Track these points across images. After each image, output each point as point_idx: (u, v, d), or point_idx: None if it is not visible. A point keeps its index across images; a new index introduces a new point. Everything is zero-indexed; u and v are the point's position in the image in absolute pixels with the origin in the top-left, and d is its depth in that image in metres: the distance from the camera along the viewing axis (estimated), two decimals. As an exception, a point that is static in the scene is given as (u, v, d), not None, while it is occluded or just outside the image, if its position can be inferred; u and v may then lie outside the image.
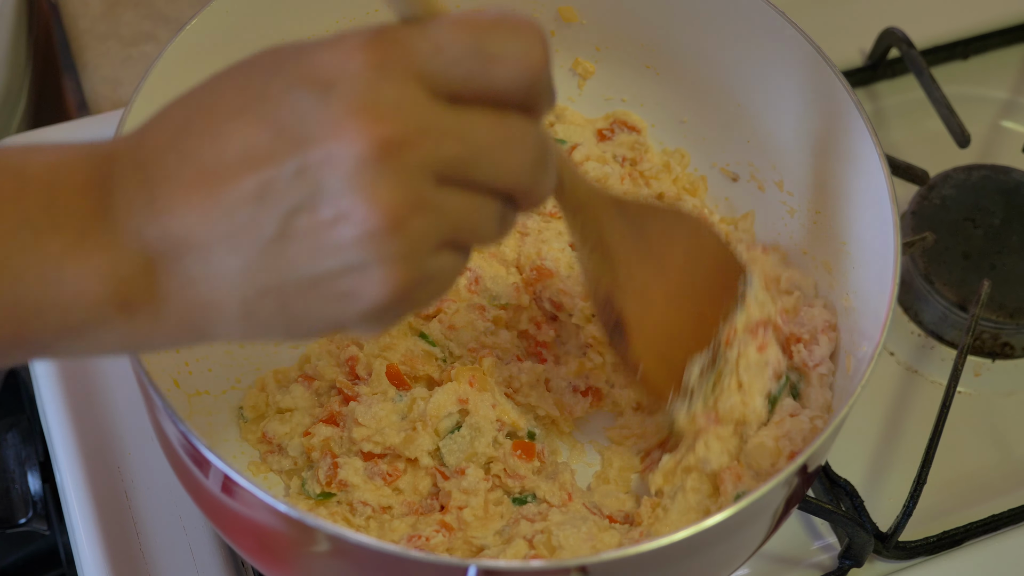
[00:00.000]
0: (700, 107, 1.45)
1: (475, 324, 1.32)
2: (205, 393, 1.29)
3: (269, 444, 1.28)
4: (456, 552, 1.21)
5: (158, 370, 1.16)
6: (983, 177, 1.59)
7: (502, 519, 1.23)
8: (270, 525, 1.06)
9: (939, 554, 1.37)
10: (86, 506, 1.34)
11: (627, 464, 1.30)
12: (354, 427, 1.23)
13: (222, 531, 1.18)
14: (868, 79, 1.71)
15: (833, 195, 1.31)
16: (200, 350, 1.29)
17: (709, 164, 1.47)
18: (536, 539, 1.18)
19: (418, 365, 1.28)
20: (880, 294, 1.17)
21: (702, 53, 1.40)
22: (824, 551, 1.37)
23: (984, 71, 1.76)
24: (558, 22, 1.45)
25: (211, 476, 1.07)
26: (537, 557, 1.18)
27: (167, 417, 1.06)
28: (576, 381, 1.32)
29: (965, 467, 1.44)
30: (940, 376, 1.50)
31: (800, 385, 1.30)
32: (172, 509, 1.34)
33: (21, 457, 1.43)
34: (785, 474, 1.05)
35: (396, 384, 1.27)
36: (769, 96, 1.37)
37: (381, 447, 1.23)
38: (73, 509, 1.33)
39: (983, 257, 1.53)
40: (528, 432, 1.27)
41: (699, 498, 1.22)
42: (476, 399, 1.25)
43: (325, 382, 1.29)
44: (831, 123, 1.29)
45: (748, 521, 1.10)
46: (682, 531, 1.02)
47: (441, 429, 1.24)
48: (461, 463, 1.23)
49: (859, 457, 1.43)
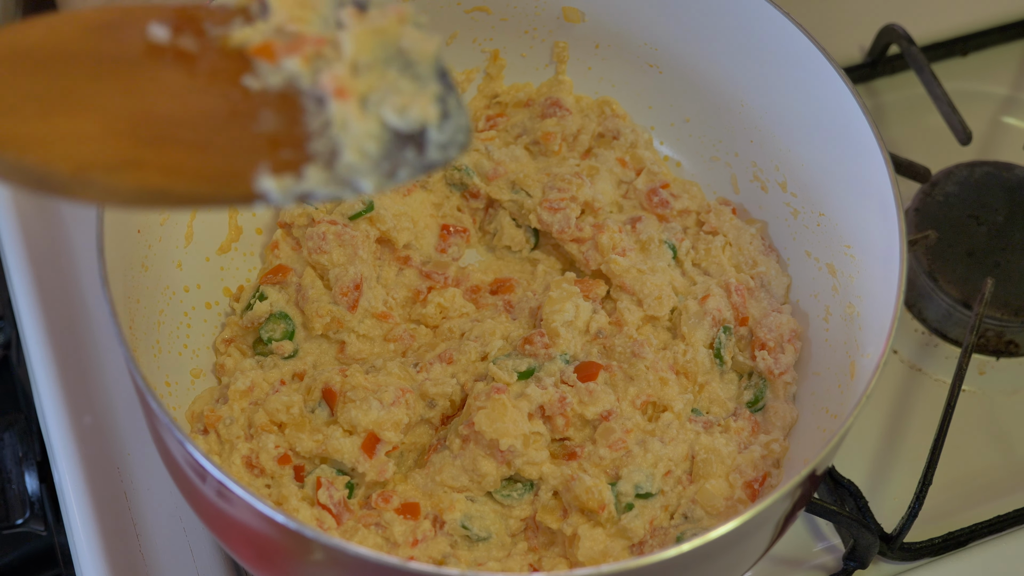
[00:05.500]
0: (703, 106, 1.44)
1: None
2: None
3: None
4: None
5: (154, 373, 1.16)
6: (986, 174, 1.58)
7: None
8: (267, 534, 1.05)
9: (944, 555, 1.36)
10: (85, 506, 1.33)
11: None
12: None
13: (220, 538, 1.17)
14: (867, 76, 1.70)
15: (837, 196, 1.30)
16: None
17: (711, 163, 1.46)
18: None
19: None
20: (885, 298, 1.17)
21: (706, 52, 1.40)
22: (828, 552, 1.37)
23: (984, 67, 1.76)
24: (560, 21, 1.44)
25: (208, 483, 1.07)
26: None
27: (165, 427, 1.05)
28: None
29: (969, 467, 1.44)
30: (944, 374, 1.49)
31: (766, 394, 1.31)
32: (172, 510, 1.34)
33: (18, 456, 1.42)
34: (792, 484, 1.05)
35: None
36: (772, 95, 1.36)
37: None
38: (72, 509, 1.33)
39: (987, 254, 1.52)
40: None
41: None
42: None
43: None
44: (834, 123, 1.28)
45: (753, 530, 1.10)
46: (687, 543, 1.01)
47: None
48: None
49: (862, 457, 1.43)
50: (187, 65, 0.90)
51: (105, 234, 1.13)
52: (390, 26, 0.91)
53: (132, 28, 0.91)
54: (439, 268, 1.38)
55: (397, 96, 0.90)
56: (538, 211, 1.38)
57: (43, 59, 0.87)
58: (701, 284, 1.36)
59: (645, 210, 1.42)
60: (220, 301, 1.36)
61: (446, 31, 1.44)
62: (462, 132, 0.92)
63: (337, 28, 0.91)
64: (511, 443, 1.21)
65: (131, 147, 0.86)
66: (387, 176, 0.90)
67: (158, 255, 1.28)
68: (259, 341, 1.32)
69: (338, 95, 0.89)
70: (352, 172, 0.89)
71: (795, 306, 1.36)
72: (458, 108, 0.92)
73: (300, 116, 0.90)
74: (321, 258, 1.32)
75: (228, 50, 0.91)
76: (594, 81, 1.49)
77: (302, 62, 0.90)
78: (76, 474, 1.35)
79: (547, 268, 1.40)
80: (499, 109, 1.50)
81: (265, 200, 0.87)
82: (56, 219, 1.50)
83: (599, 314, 1.32)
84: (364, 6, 0.93)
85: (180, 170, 0.86)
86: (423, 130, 0.90)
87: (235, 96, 0.90)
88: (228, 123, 0.89)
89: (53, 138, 0.84)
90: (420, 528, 1.22)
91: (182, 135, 0.88)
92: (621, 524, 1.21)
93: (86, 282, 1.47)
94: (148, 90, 0.89)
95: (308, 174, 0.88)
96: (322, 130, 0.89)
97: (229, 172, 0.87)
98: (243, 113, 0.89)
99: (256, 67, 0.91)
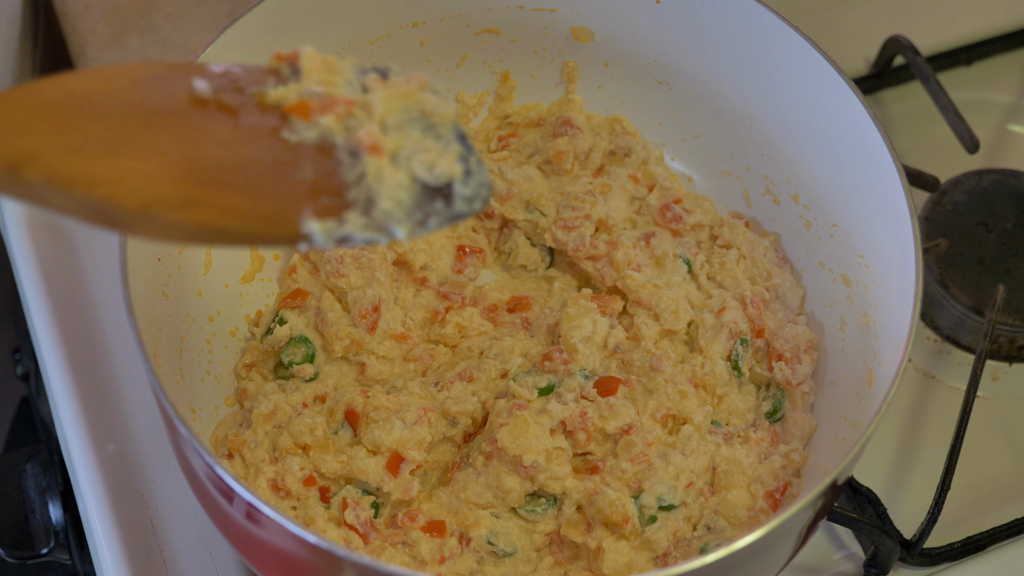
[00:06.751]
0: (713, 121, 1.46)
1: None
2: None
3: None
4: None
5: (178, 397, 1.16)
6: (994, 181, 1.59)
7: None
8: (298, 555, 1.06)
9: (963, 559, 1.37)
10: (112, 535, 1.34)
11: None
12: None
13: (248, 559, 1.18)
14: (873, 87, 1.71)
15: (850, 207, 1.31)
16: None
17: (723, 177, 1.47)
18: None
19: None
20: (902, 306, 1.18)
21: (715, 67, 1.41)
22: (847, 560, 1.38)
23: (988, 76, 1.77)
24: (569, 41, 1.45)
25: (235, 505, 1.08)
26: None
27: (194, 451, 1.06)
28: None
29: (985, 471, 1.45)
30: (957, 381, 1.50)
31: (784, 405, 1.32)
32: (198, 535, 1.35)
33: (41, 487, 1.43)
34: (815, 493, 1.06)
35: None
36: (782, 109, 1.37)
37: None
38: (98, 538, 1.34)
39: (997, 261, 1.53)
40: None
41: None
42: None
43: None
44: (846, 134, 1.29)
45: (777, 540, 1.11)
46: (712, 553, 1.03)
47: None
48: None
49: (879, 465, 1.44)
50: (230, 117, 0.98)
51: (128, 263, 1.14)
52: (412, 91, 1.00)
53: (177, 82, 0.98)
54: (456, 288, 1.39)
55: (424, 153, 0.98)
56: (553, 230, 1.40)
57: (100, 105, 0.94)
58: (717, 297, 1.37)
59: (659, 226, 1.43)
60: (240, 327, 1.37)
61: (457, 53, 1.46)
62: (485, 187, 1.00)
63: (362, 92, 1.00)
64: (534, 459, 1.22)
65: (189, 188, 0.92)
66: (419, 224, 0.97)
67: (178, 283, 1.29)
68: (280, 365, 1.33)
69: (372, 151, 0.96)
70: (388, 219, 0.96)
71: (810, 317, 1.37)
72: (479, 166, 1.01)
73: (336, 167, 0.97)
74: (339, 281, 1.33)
75: (265, 106, 0.99)
76: (604, 99, 1.50)
77: (335, 120, 0.97)
78: (101, 503, 1.35)
79: (563, 286, 1.41)
80: (510, 129, 1.51)
81: (309, 241, 0.94)
82: (71, 250, 1.51)
83: (616, 329, 1.33)
84: (386, 73, 1.02)
85: (234, 211, 0.93)
86: (449, 184, 0.98)
87: (276, 147, 0.97)
88: (273, 170, 0.96)
89: (118, 176, 0.91)
90: (447, 545, 1.23)
91: (233, 179, 0.94)
92: (645, 536, 1.22)
93: (103, 311, 1.48)
94: (197, 138, 0.95)
95: (348, 219, 0.95)
96: (357, 181, 0.96)
97: (278, 214, 0.94)
98: (285, 162, 0.96)
99: (292, 123, 0.98)
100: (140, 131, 0.94)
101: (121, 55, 1.69)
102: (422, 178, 0.97)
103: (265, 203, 0.94)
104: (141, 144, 0.93)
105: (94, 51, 1.69)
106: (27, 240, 1.50)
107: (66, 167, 0.89)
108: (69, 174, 0.89)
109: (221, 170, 0.94)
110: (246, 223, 0.93)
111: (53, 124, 0.91)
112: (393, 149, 0.97)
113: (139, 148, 0.93)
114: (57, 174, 0.89)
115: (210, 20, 1.71)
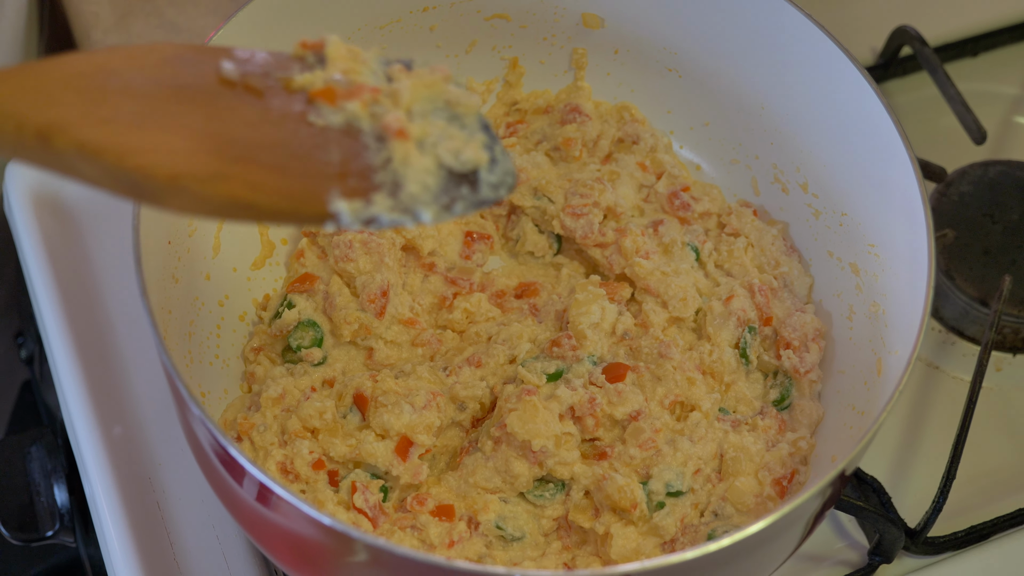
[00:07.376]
0: (722, 109, 1.46)
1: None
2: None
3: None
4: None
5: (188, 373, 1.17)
6: (1000, 173, 1.59)
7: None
8: (310, 536, 1.06)
9: (967, 548, 1.38)
10: (119, 517, 1.34)
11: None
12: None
13: (257, 541, 1.19)
14: (880, 77, 1.71)
15: (860, 196, 1.31)
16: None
17: (731, 166, 1.47)
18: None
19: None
20: (912, 295, 1.18)
21: (725, 55, 1.41)
22: (851, 548, 1.38)
23: (995, 67, 1.77)
24: (579, 28, 1.45)
25: (246, 485, 1.08)
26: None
27: (207, 432, 1.06)
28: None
29: (988, 461, 1.45)
30: (961, 372, 1.51)
31: (792, 393, 1.33)
32: (205, 519, 1.35)
33: (46, 470, 1.43)
34: (824, 482, 1.07)
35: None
36: (793, 97, 1.37)
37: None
38: (106, 521, 1.34)
39: (1003, 252, 1.53)
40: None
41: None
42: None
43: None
44: (857, 123, 1.29)
45: (785, 528, 1.11)
46: (721, 540, 1.03)
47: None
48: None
49: (884, 454, 1.44)
50: (257, 99, 0.99)
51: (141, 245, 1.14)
52: (437, 81, 1.01)
53: (205, 63, 1.00)
54: (464, 274, 1.39)
55: (450, 140, 0.99)
56: (561, 217, 1.40)
57: (130, 80, 0.95)
58: (725, 285, 1.37)
59: (667, 213, 1.43)
60: (248, 311, 1.37)
61: (466, 39, 1.46)
62: (510, 175, 1.01)
63: (387, 82, 1.02)
64: (543, 444, 1.22)
65: (219, 162, 0.93)
66: (445, 208, 0.98)
67: (187, 267, 1.29)
68: (288, 349, 1.34)
69: (399, 135, 0.97)
70: (415, 202, 0.97)
71: (818, 305, 1.37)
72: (503, 155, 1.02)
73: (362, 151, 0.98)
74: (348, 266, 1.34)
75: (292, 90, 1.00)
76: (613, 86, 1.50)
77: (361, 106, 0.98)
78: (108, 485, 1.35)
79: (571, 272, 1.42)
80: (519, 116, 1.51)
81: (336, 220, 0.95)
82: (77, 232, 1.51)
83: (625, 316, 1.33)
84: (410, 65, 1.03)
85: (263, 187, 0.94)
86: (475, 171, 0.99)
87: (303, 130, 0.98)
88: (300, 151, 0.97)
89: (148, 148, 0.91)
90: (456, 529, 1.23)
91: (262, 157, 0.95)
92: (653, 522, 1.23)
93: (110, 293, 1.48)
94: (226, 117, 0.96)
95: (376, 200, 0.96)
96: (384, 165, 0.97)
97: (306, 192, 0.95)
98: (312, 144, 0.97)
99: (318, 107, 0.99)
100: (170, 106, 0.95)
101: (126, 38, 1.69)
102: (448, 164, 0.98)
103: (293, 181, 0.95)
104: (171, 119, 0.94)
105: (99, 34, 1.69)
106: (33, 223, 1.50)
107: (97, 137, 0.90)
108: (100, 144, 0.90)
109: (250, 148, 0.95)
110: (275, 199, 0.94)
111: (84, 95, 0.92)
112: (419, 135, 0.98)
113: (170, 122, 0.93)
114: (87, 143, 0.89)
115: (215, 4, 1.71)
